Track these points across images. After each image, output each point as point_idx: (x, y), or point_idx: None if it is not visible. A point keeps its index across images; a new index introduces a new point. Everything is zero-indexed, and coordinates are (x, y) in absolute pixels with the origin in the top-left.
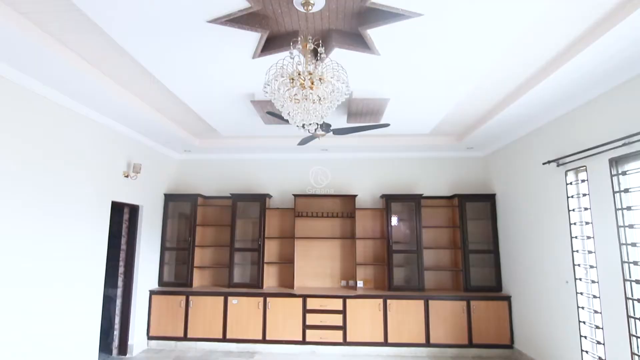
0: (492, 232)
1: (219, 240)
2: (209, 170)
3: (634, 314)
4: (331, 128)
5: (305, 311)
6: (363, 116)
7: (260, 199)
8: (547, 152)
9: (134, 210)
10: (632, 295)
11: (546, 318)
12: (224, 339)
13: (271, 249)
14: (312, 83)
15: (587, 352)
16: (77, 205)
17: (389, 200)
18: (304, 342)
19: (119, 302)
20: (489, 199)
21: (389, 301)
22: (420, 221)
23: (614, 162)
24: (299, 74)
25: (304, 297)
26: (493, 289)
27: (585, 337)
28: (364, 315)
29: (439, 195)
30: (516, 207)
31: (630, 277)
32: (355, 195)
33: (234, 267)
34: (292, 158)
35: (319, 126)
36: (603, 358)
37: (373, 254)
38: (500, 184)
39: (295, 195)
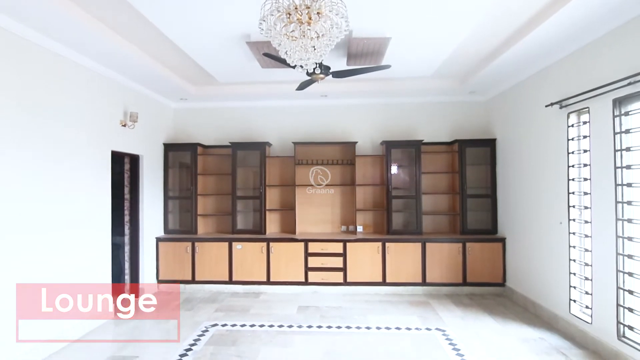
0: (490, 177)
1: (220, 189)
2: (207, 119)
3: (623, 252)
4: (330, 71)
5: (307, 254)
6: (363, 57)
7: (260, 147)
8: (550, 95)
9: (134, 160)
10: (623, 234)
11: (538, 257)
12: (230, 281)
13: (272, 197)
14: (310, 18)
15: (574, 287)
16: (78, 154)
17: (389, 146)
18: (306, 282)
19: (127, 248)
20: (489, 144)
21: (387, 244)
22: (420, 167)
23: (618, 102)
24: (296, 8)
25: (306, 241)
26: (489, 231)
27: (574, 274)
28: (364, 257)
29: (439, 141)
30: (516, 151)
31: (623, 216)
32: (355, 142)
33: (236, 215)
34: (291, 105)
35: (317, 65)
36: (590, 292)
37: (373, 200)
38: (501, 128)
39: (295, 143)
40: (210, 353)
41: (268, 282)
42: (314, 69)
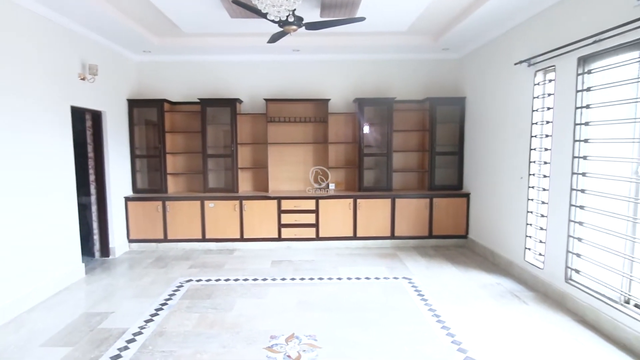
0: (458, 135)
1: (190, 147)
2: (174, 73)
3: (576, 203)
4: (303, 22)
5: (280, 212)
6: (337, 9)
7: (231, 104)
8: (519, 53)
9: (96, 116)
10: (577, 187)
11: (499, 211)
12: (203, 239)
13: (244, 155)
14: None
15: (530, 237)
16: (33, 110)
17: (362, 104)
18: (279, 239)
19: (94, 208)
20: (460, 102)
21: (358, 200)
22: (392, 125)
23: (582, 60)
24: None
25: (279, 199)
26: (455, 187)
27: (531, 225)
28: (335, 213)
29: (411, 99)
30: (484, 109)
31: (578, 170)
32: (328, 100)
33: (208, 173)
34: (262, 60)
35: (290, 13)
36: (543, 241)
37: (345, 157)
38: (471, 86)
39: (267, 100)
40: (186, 306)
41: (242, 239)
42: (287, 17)
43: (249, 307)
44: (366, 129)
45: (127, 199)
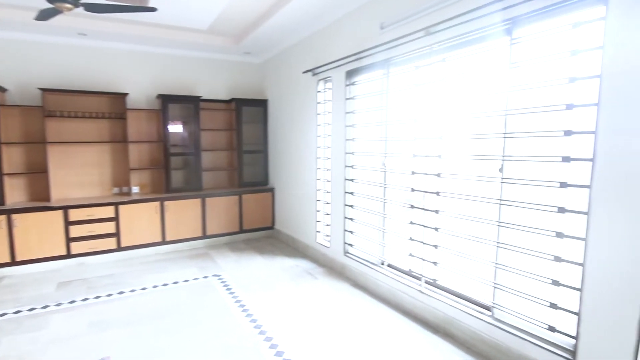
0: (263, 135)
1: None
2: None
3: (349, 190)
4: (81, 1)
5: (68, 223)
6: None
7: None
8: (307, 63)
9: None
10: (349, 177)
11: (296, 201)
12: None
13: (13, 157)
14: None
15: (319, 221)
16: None
17: (166, 101)
18: (69, 255)
19: None
20: (262, 104)
21: (166, 203)
22: (199, 124)
23: (349, 74)
24: None
25: (65, 208)
26: (262, 183)
27: (319, 211)
28: (140, 219)
29: (218, 98)
30: (282, 112)
31: (349, 163)
32: (126, 94)
33: None
34: (36, 40)
35: None
36: (329, 224)
37: (149, 158)
38: (271, 90)
39: (43, 90)
40: None
41: (13, 262)
42: None
43: (21, 344)
44: (172, 128)
45: None
